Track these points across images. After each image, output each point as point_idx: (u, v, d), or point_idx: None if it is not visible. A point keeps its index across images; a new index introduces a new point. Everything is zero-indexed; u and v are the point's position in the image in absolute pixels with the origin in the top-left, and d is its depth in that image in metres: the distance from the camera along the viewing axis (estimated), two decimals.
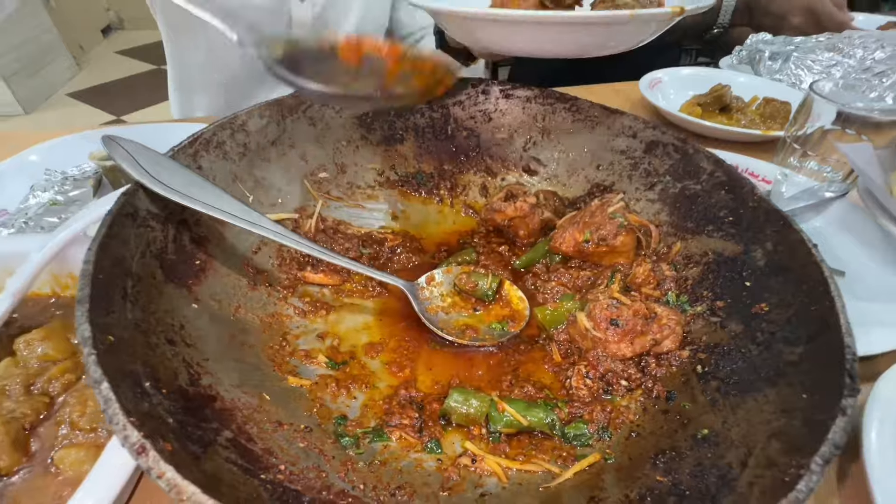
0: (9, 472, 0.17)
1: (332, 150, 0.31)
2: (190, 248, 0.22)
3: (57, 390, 0.20)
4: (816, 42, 0.57)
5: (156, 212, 0.20)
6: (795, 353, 0.17)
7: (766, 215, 0.22)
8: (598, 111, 0.32)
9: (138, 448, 0.11)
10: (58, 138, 0.45)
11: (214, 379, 0.17)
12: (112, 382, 0.12)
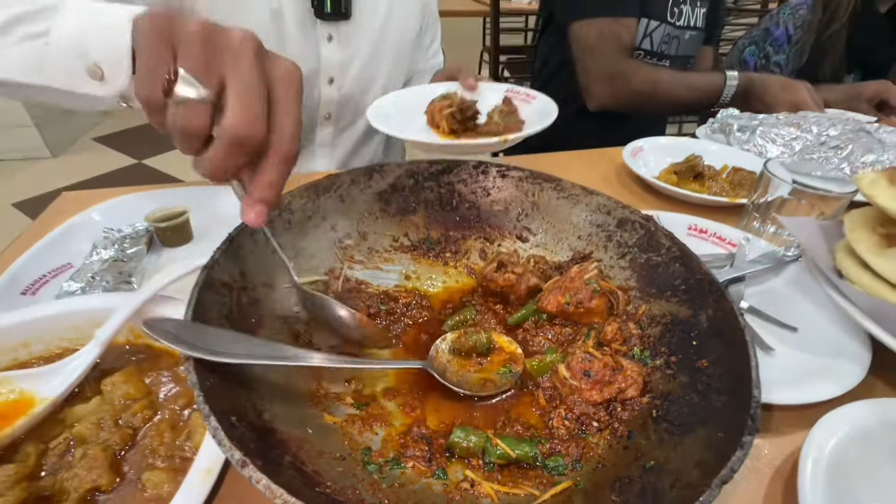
0: (107, 490, 0.22)
1: (356, 221, 0.37)
2: (247, 308, 0.27)
3: (138, 423, 0.25)
4: (777, 119, 0.65)
5: (226, 281, 0.26)
6: (721, 400, 0.22)
7: (709, 286, 0.28)
8: (578, 190, 0.38)
9: (241, 463, 0.16)
10: (115, 199, 0.52)
11: (272, 415, 0.22)
12: (216, 416, 0.17)
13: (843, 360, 0.35)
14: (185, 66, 0.22)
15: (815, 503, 0.25)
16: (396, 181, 0.39)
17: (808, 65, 1.03)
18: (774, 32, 1.03)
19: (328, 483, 0.19)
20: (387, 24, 0.70)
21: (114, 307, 0.29)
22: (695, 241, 0.51)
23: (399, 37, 0.73)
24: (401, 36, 0.73)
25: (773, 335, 0.39)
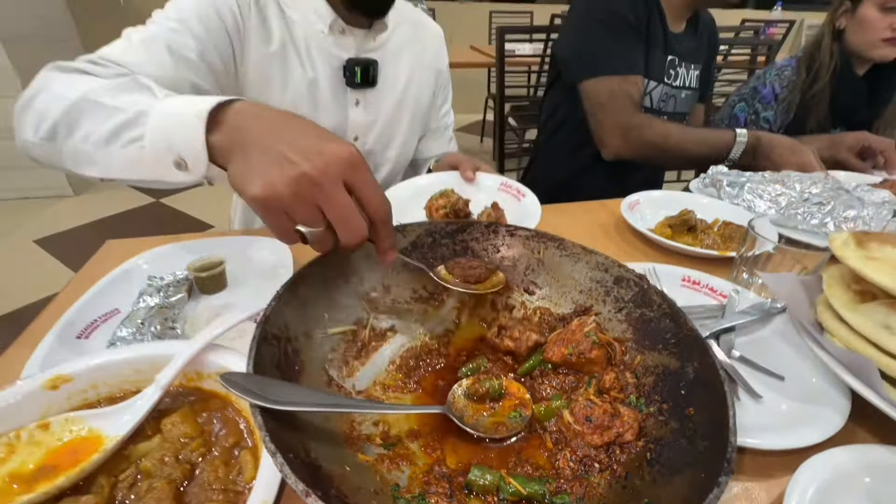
0: None
1: (381, 275, 0.42)
2: (291, 357, 0.31)
3: (195, 459, 0.29)
4: (762, 177, 0.70)
5: (275, 333, 0.30)
6: (704, 445, 0.26)
7: (695, 342, 0.32)
8: (578, 249, 0.43)
9: (305, 493, 0.20)
10: (157, 248, 0.57)
11: (317, 454, 0.26)
12: (282, 454, 0.21)
13: (825, 407, 0.38)
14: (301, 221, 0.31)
15: None
16: (417, 239, 0.44)
17: (795, 120, 1.10)
18: (762, 91, 1.11)
19: None
20: (406, 90, 0.79)
21: (171, 354, 0.34)
22: (689, 292, 0.55)
23: (416, 101, 0.81)
24: (417, 100, 0.81)
25: (762, 383, 0.42)
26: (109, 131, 0.40)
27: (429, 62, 0.82)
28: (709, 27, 1.05)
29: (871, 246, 0.40)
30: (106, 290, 0.50)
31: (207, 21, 0.60)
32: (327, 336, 0.36)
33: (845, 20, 1.02)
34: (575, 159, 1.05)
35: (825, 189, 0.66)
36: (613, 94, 0.89)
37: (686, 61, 0.98)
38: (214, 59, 0.61)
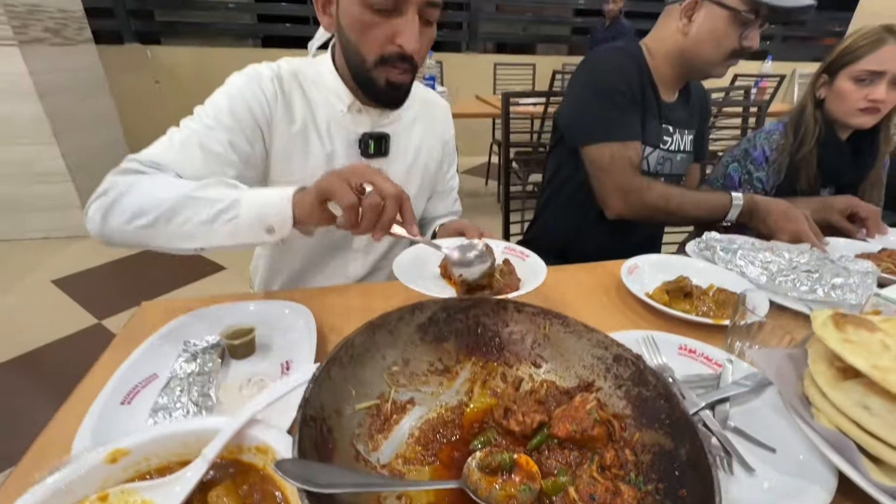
0: None
1: (401, 350, 0.46)
2: (325, 436, 0.35)
3: None
4: (752, 245, 0.75)
5: (313, 415, 0.34)
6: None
7: (686, 423, 0.36)
8: (581, 327, 0.47)
9: None
10: (191, 313, 0.62)
11: None
12: None
13: (812, 483, 0.41)
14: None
15: None
16: (433, 314, 0.48)
17: (786, 181, 1.16)
18: (753, 153, 1.17)
19: None
20: (416, 159, 0.86)
21: (216, 429, 0.37)
22: (686, 360, 0.58)
23: (424, 168, 0.88)
24: (426, 167, 0.89)
25: (755, 455, 0.45)
26: (211, 216, 0.57)
27: (437, 134, 0.90)
28: (700, 96, 1.13)
29: (848, 329, 0.44)
30: (144, 356, 0.55)
31: (240, 116, 0.69)
32: (355, 412, 0.40)
33: (824, 91, 1.09)
34: (578, 217, 1.10)
35: (812, 258, 0.71)
36: (614, 158, 0.96)
37: (679, 128, 1.06)
38: (245, 147, 0.70)
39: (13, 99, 2.29)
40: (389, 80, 0.69)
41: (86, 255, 2.47)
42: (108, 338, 1.82)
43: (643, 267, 0.78)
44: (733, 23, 0.87)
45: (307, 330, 0.60)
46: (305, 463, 0.30)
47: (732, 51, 0.91)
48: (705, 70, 0.97)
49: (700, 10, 0.90)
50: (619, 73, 0.96)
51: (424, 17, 0.66)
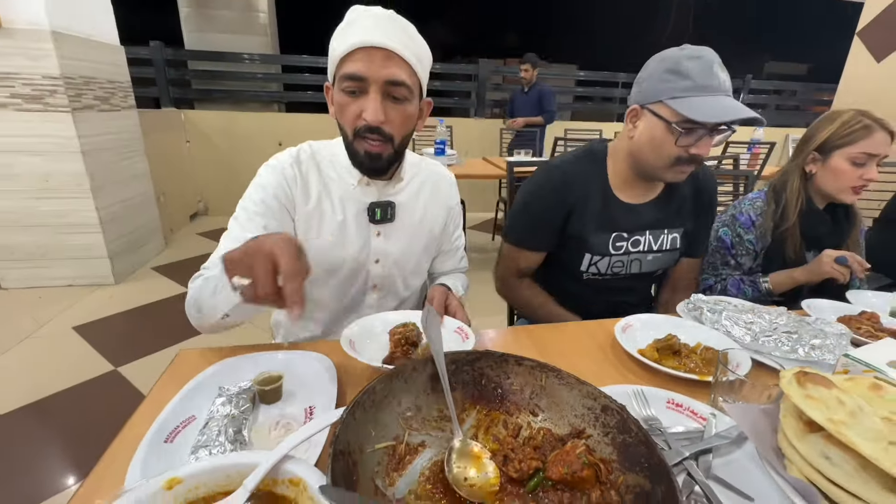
0: None
1: (414, 397, 0.53)
2: (351, 469, 0.41)
3: None
4: (735, 307, 0.82)
5: (342, 450, 0.41)
6: None
7: (661, 467, 0.41)
8: (573, 379, 0.53)
9: None
10: (225, 361, 0.69)
11: None
12: None
13: None
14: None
15: None
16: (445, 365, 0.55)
17: (774, 245, 1.23)
18: (740, 218, 1.26)
19: None
20: (420, 223, 0.97)
21: (255, 463, 0.43)
22: (673, 413, 0.63)
23: (429, 232, 0.99)
24: (430, 230, 0.99)
25: (735, 502, 0.49)
26: (212, 288, 0.67)
27: (441, 201, 1.00)
28: (695, 193, 1.11)
29: (808, 385, 0.50)
30: (184, 400, 0.61)
31: (269, 203, 0.84)
32: (374, 451, 0.46)
33: (816, 167, 1.19)
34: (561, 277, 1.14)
35: (790, 320, 0.77)
36: (504, 255, 1.14)
37: (653, 228, 1.06)
38: (276, 227, 0.84)
39: (60, 159, 2.50)
40: (367, 150, 0.80)
41: (106, 303, 2.57)
42: (123, 384, 1.88)
43: (636, 325, 0.84)
44: (670, 132, 0.87)
45: (329, 379, 0.66)
46: (340, 491, 0.36)
47: (677, 158, 0.90)
48: (655, 174, 0.97)
49: (641, 116, 0.93)
50: (540, 193, 1.03)
51: (391, 95, 0.77)
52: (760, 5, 21.78)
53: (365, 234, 0.91)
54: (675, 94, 0.85)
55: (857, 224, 1.23)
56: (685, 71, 0.84)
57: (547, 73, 4.79)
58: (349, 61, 0.75)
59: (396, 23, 0.77)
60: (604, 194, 1.03)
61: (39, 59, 2.35)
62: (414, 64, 0.78)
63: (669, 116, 0.87)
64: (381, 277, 0.97)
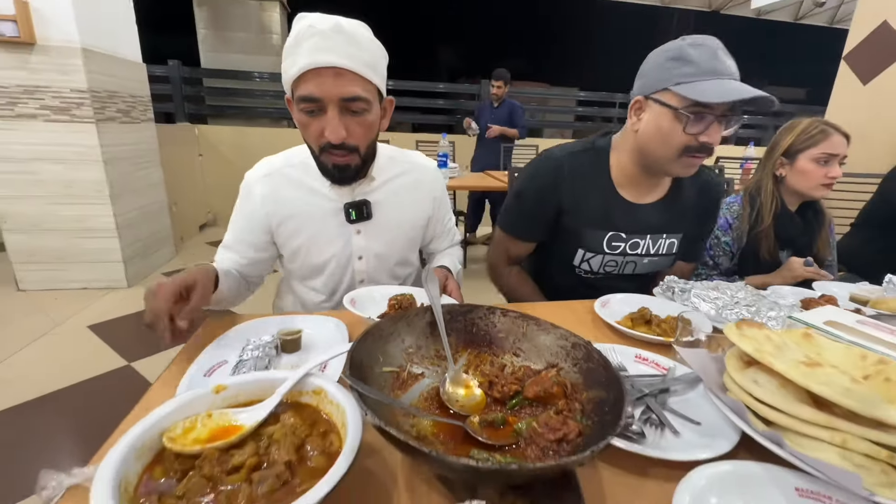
0: (295, 462, 0.43)
1: (416, 338, 0.62)
2: (362, 378, 0.51)
3: (303, 435, 0.47)
4: (703, 285, 0.92)
5: (356, 362, 0.50)
6: (612, 425, 0.43)
7: (614, 379, 0.50)
8: (548, 325, 0.63)
9: (374, 424, 0.38)
10: (252, 321, 0.79)
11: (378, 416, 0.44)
12: (362, 398, 0.40)
13: (721, 439, 0.54)
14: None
15: None
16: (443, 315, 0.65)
17: (749, 246, 1.33)
18: (718, 221, 1.37)
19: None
20: (400, 218, 1.02)
21: (283, 378, 0.53)
22: (641, 365, 0.73)
23: (410, 226, 1.06)
24: (412, 224, 1.06)
25: (685, 427, 0.59)
26: None
27: (425, 193, 1.05)
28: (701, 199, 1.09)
29: (744, 328, 0.60)
30: (217, 347, 0.71)
31: (241, 225, 0.98)
32: (382, 373, 0.55)
33: (785, 170, 1.31)
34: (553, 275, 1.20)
35: (748, 294, 0.87)
36: (496, 242, 1.18)
37: (653, 233, 1.04)
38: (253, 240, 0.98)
39: (83, 167, 2.65)
40: (334, 163, 0.85)
41: (119, 305, 2.67)
42: (137, 378, 1.96)
43: (613, 302, 0.94)
44: (677, 120, 0.85)
45: (341, 338, 0.76)
46: (357, 381, 0.46)
47: (685, 147, 0.87)
48: (663, 168, 0.94)
49: (646, 108, 0.91)
50: (534, 185, 1.04)
51: (350, 109, 0.80)
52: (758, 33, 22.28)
53: (345, 233, 0.98)
54: (681, 79, 0.83)
55: (825, 223, 1.34)
56: (689, 57, 0.82)
57: (549, 94, 4.97)
58: (302, 83, 0.77)
59: (342, 35, 0.75)
60: (606, 191, 1.01)
61: (69, 74, 2.52)
62: (366, 73, 0.79)
63: (676, 103, 0.84)
64: (367, 272, 1.03)
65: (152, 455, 0.44)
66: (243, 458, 0.43)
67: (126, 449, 0.41)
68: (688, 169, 0.93)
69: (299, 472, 0.43)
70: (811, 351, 0.59)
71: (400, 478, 0.49)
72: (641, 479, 0.50)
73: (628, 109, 0.96)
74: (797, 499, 0.46)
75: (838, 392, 0.47)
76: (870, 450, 0.46)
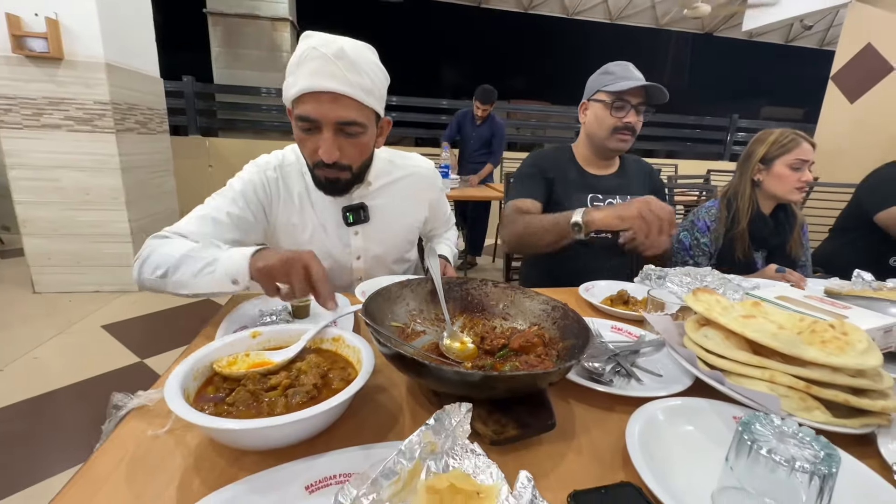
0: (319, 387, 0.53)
1: (418, 302, 0.73)
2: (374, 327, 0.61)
3: (325, 369, 0.57)
4: (678, 271, 1.02)
5: (367, 312, 0.61)
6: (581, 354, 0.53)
7: (583, 329, 0.61)
8: (532, 293, 0.73)
9: (381, 347, 0.49)
10: (255, 298, 0.89)
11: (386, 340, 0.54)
12: (375, 329, 0.50)
13: (676, 384, 0.64)
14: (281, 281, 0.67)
15: (632, 437, 0.52)
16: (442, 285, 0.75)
17: (725, 247, 1.43)
18: (697, 224, 1.47)
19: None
20: (397, 220, 1.08)
21: (306, 329, 0.64)
22: (616, 334, 0.83)
23: (406, 228, 1.11)
24: (408, 227, 1.11)
25: (650, 378, 0.68)
26: (197, 269, 0.75)
27: (423, 195, 1.12)
28: (640, 172, 1.45)
29: (699, 294, 0.70)
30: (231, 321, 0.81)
31: (247, 196, 0.94)
32: (390, 326, 0.66)
33: (762, 176, 1.41)
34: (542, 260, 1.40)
35: (715, 278, 0.97)
36: (508, 212, 1.32)
37: (620, 193, 1.37)
38: (249, 218, 0.94)
39: (102, 175, 2.79)
40: (326, 177, 0.89)
41: (130, 307, 2.77)
42: (149, 373, 2.05)
43: (596, 288, 1.05)
44: (606, 109, 1.27)
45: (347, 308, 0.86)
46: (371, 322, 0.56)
47: (614, 127, 1.27)
48: (603, 143, 1.31)
49: (589, 107, 1.34)
50: (532, 159, 1.41)
51: (345, 132, 0.83)
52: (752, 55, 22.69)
53: (345, 235, 1.02)
54: (606, 83, 1.27)
55: (797, 224, 1.44)
56: (611, 70, 1.29)
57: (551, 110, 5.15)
58: (301, 103, 0.81)
59: (344, 60, 0.78)
60: (577, 170, 1.39)
61: (93, 87, 2.68)
62: (363, 99, 0.81)
63: (605, 98, 1.28)
64: (364, 271, 1.07)
65: (204, 379, 0.55)
66: (279, 380, 0.54)
67: (186, 369, 0.52)
68: (620, 144, 1.30)
69: (324, 392, 0.53)
70: (760, 316, 0.69)
71: (405, 407, 0.59)
72: (606, 412, 0.60)
73: (578, 112, 1.39)
74: (734, 424, 0.56)
75: (767, 336, 0.57)
76: (791, 382, 0.56)
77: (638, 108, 1.27)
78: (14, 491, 1.37)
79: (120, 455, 0.48)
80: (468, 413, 0.41)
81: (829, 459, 0.37)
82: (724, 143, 5.44)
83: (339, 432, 0.52)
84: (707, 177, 2.98)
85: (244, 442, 0.47)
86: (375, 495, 0.35)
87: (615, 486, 0.45)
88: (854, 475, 0.46)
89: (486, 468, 0.39)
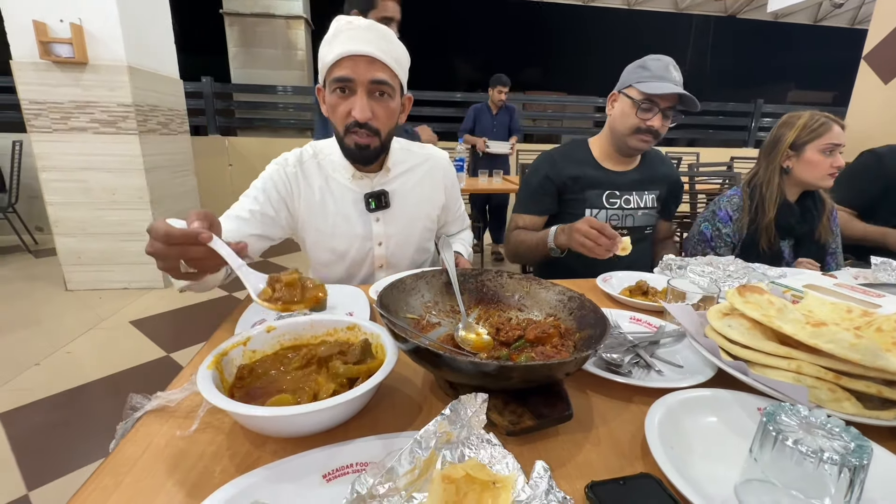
0: None
1: (433, 294, 0.73)
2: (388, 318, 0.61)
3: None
4: (698, 260, 0.99)
5: (383, 304, 0.61)
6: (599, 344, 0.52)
7: (601, 319, 0.60)
8: (548, 284, 0.72)
9: (387, 321, 0.49)
10: None
11: (402, 331, 0.54)
12: (390, 322, 0.51)
13: (698, 375, 0.62)
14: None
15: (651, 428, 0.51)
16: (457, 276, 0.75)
17: (749, 237, 1.38)
18: (719, 214, 1.42)
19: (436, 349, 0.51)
20: (416, 206, 1.10)
21: (320, 320, 0.64)
22: (635, 325, 0.81)
23: (426, 213, 1.13)
24: (427, 215, 1.13)
25: (670, 369, 0.67)
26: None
27: (438, 183, 1.14)
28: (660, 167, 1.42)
29: (747, 294, 0.67)
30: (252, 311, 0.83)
31: (266, 192, 0.99)
32: (404, 318, 0.66)
33: (792, 162, 1.35)
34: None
35: (739, 268, 0.94)
36: (511, 221, 1.40)
37: (637, 189, 1.35)
38: (270, 213, 0.99)
39: (127, 175, 2.87)
40: (356, 143, 0.93)
41: (157, 303, 2.86)
42: (176, 366, 2.12)
43: (614, 279, 1.03)
44: (633, 107, 1.22)
45: (364, 303, 0.87)
46: (386, 315, 0.56)
47: (636, 127, 1.23)
48: (623, 141, 1.27)
49: (618, 99, 1.28)
50: (535, 171, 1.38)
51: (376, 92, 0.90)
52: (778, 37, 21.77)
53: (366, 221, 1.06)
54: (640, 79, 1.21)
55: (825, 210, 1.38)
56: (648, 66, 1.21)
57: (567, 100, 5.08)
58: (337, 68, 0.88)
59: (376, 31, 0.88)
60: (595, 166, 1.36)
61: (116, 90, 2.75)
62: (393, 65, 0.90)
63: (635, 95, 1.22)
64: (386, 258, 1.10)
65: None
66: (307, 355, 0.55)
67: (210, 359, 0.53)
68: (640, 144, 1.26)
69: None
70: (803, 309, 0.67)
71: (421, 398, 0.59)
72: (625, 404, 0.59)
73: (607, 101, 1.32)
74: (758, 415, 0.54)
75: (845, 349, 0.51)
76: (819, 372, 0.53)
77: (665, 113, 1.22)
78: (56, 477, 1.44)
79: (143, 447, 0.49)
80: (484, 403, 0.41)
81: (860, 451, 0.35)
82: (748, 129, 5.26)
83: (357, 422, 0.53)
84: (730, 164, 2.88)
85: (272, 429, 0.48)
86: (391, 484, 0.36)
87: (634, 477, 0.44)
88: (887, 469, 0.45)
89: (502, 458, 0.39)
